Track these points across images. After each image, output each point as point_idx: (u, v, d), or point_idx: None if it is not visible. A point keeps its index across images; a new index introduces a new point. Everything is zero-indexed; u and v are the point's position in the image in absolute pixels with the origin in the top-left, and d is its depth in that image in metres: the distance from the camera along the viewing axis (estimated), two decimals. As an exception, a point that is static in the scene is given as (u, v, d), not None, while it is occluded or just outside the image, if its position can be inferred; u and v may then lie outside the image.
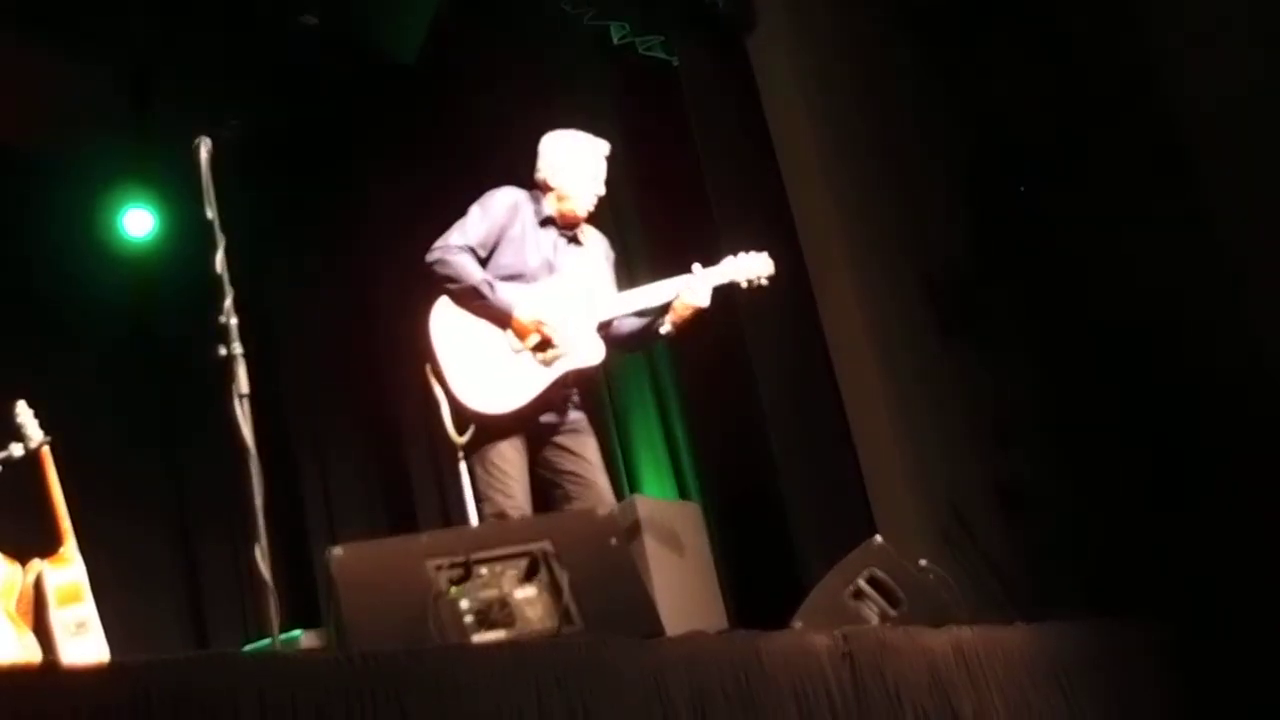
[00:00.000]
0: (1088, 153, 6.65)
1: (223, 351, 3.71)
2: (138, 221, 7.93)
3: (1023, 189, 6.92)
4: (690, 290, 4.93)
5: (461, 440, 4.73)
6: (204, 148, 3.97)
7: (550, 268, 4.99)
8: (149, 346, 7.88)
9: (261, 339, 4.01)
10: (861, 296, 6.48)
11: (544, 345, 4.84)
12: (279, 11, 6.99)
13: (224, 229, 3.82)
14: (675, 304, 4.95)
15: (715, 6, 6.79)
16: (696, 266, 4.97)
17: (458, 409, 4.75)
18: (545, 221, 5.04)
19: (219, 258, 3.78)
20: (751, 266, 5.05)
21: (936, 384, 6.53)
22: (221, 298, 3.76)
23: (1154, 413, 6.36)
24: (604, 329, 4.98)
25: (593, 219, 5.19)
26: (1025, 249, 6.85)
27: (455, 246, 4.87)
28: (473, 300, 4.83)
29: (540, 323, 4.83)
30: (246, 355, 3.70)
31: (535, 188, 5.10)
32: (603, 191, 5.10)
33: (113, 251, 7.90)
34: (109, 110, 7.34)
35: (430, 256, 4.87)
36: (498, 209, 4.98)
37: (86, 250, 7.72)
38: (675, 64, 7.05)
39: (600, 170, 5.09)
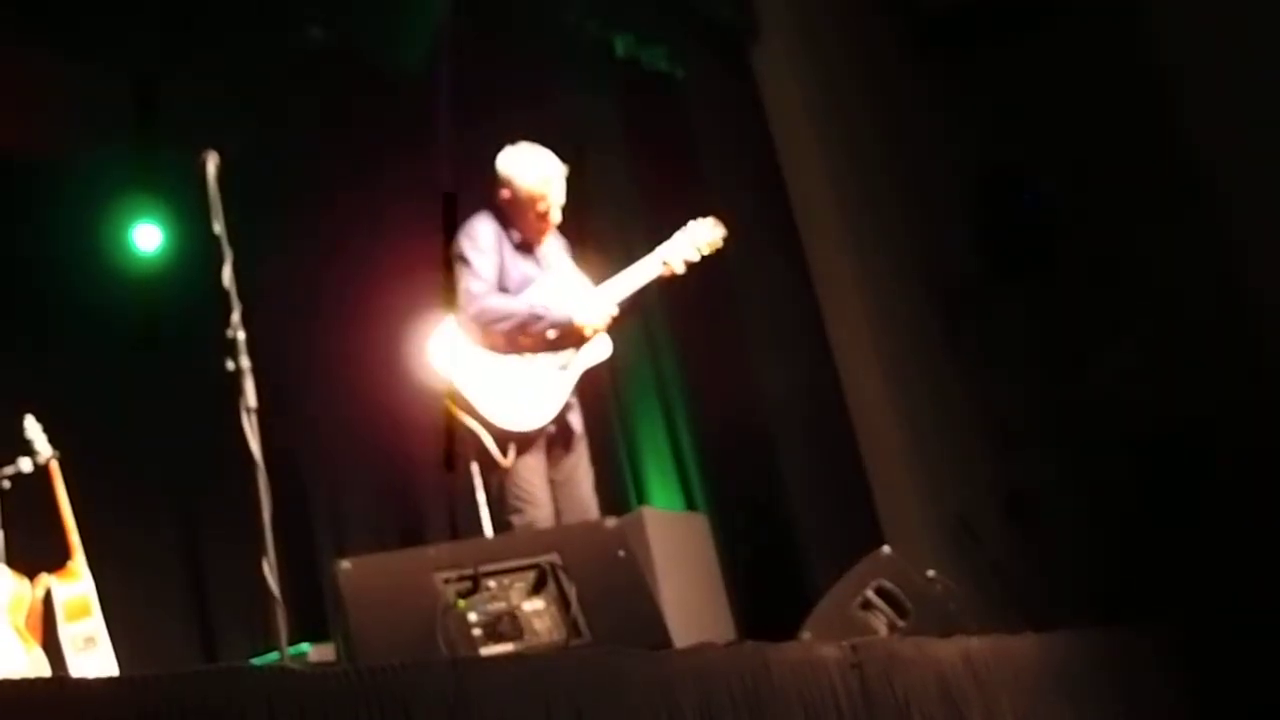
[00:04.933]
0: (1097, 162, 6.66)
1: (231, 365, 3.71)
2: (145, 235, 7.93)
3: (1030, 198, 6.92)
4: (665, 265, 5.11)
5: (508, 463, 4.79)
6: (211, 162, 3.97)
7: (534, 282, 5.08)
8: (157, 360, 7.87)
9: (269, 353, 4.00)
10: (868, 305, 6.49)
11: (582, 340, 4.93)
12: (285, 24, 7.00)
13: (231, 243, 3.83)
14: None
15: (719, 18, 6.79)
16: (658, 249, 5.14)
17: (494, 433, 4.79)
18: (521, 243, 5.07)
19: (227, 272, 3.79)
20: (703, 235, 5.19)
21: (943, 393, 6.54)
22: (229, 311, 3.76)
23: (1162, 422, 6.36)
24: None
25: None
26: (1032, 257, 6.86)
27: (484, 292, 4.91)
28: (533, 327, 4.89)
29: (606, 314, 4.94)
30: (254, 369, 3.71)
31: (500, 209, 5.07)
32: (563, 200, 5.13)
33: (120, 265, 7.89)
34: (115, 122, 7.34)
35: (471, 311, 4.89)
36: (487, 243, 5.00)
37: (94, 264, 7.70)
38: (679, 76, 7.05)
39: (562, 175, 5.10)
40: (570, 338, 4.93)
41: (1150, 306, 6.48)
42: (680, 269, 5.13)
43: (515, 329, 4.88)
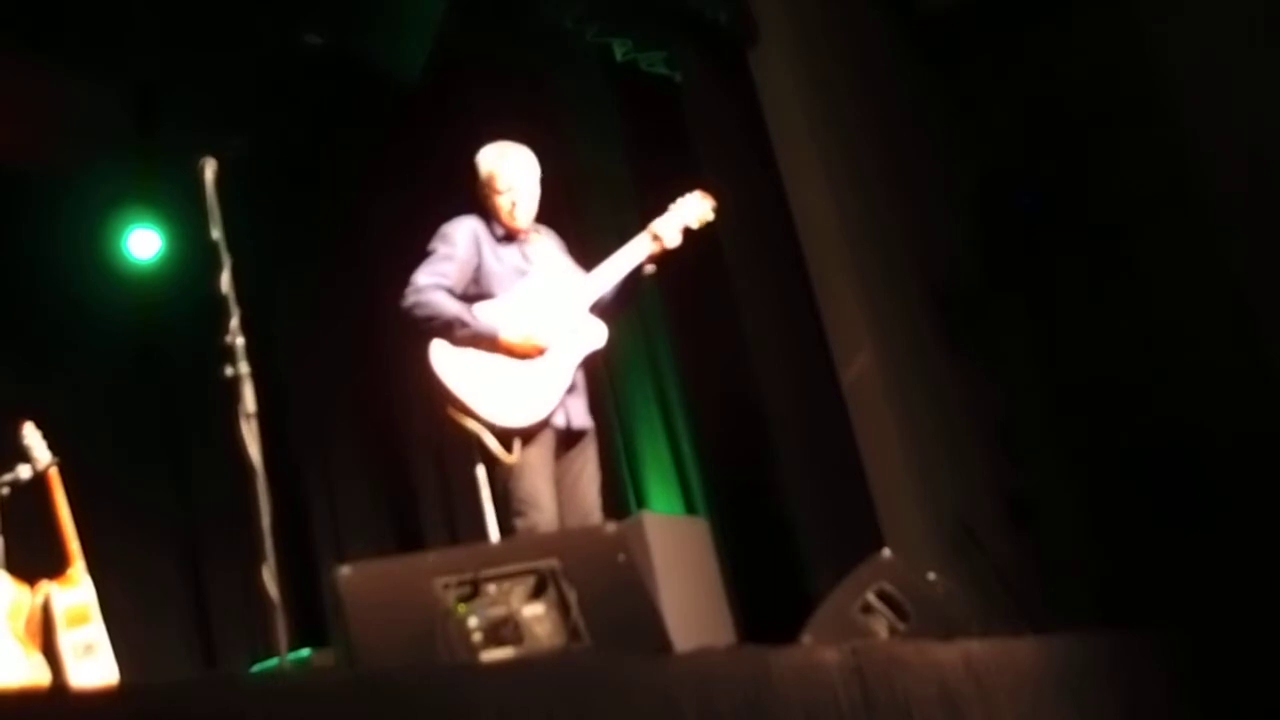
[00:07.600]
0: (1095, 164, 6.66)
1: (229, 371, 3.71)
2: (143, 242, 7.93)
3: (1027, 202, 6.92)
4: (656, 242, 5.11)
5: (513, 459, 4.77)
6: (209, 168, 3.98)
7: (522, 275, 5.06)
8: (155, 367, 7.88)
9: (267, 359, 4.01)
10: (867, 310, 6.48)
11: (541, 352, 4.89)
12: (283, 31, 7.01)
13: (229, 249, 3.83)
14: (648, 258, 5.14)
15: (717, 22, 6.80)
16: (650, 225, 5.15)
17: (496, 432, 4.78)
18: (503, 239, 5.09)
19: (225, 278, 3.79)
20: (693, 209, 5.22)
21: (943, 397, 6.53)
22: (227, 318, 3.76)
23: (1162, 425, 6.36)
24: (595, 309, 5.07)
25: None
26: (1030, 261, 6.86)
27: (427, 286, 4.91)
28: (456, 332, 4.86)
29: (528, 336, 4.88)
30: (253, 375, 3.71)
31: (483, 206, 5.11)
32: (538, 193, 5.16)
33: (118, 272, 7.90)
34: (114, 131, 7.35)
35: (405, 302, 4.91)
36: (462, 245, 5.02)
37: (92, 271, 7.72)
38: (678, 80, 7.06)
39: (537, 173, 5.14)
40: (515, 351, 4.90)
41: (1149, 308, 6.47)
42: (672, 243, 5.11)
43: (440, 328, 4.86)
